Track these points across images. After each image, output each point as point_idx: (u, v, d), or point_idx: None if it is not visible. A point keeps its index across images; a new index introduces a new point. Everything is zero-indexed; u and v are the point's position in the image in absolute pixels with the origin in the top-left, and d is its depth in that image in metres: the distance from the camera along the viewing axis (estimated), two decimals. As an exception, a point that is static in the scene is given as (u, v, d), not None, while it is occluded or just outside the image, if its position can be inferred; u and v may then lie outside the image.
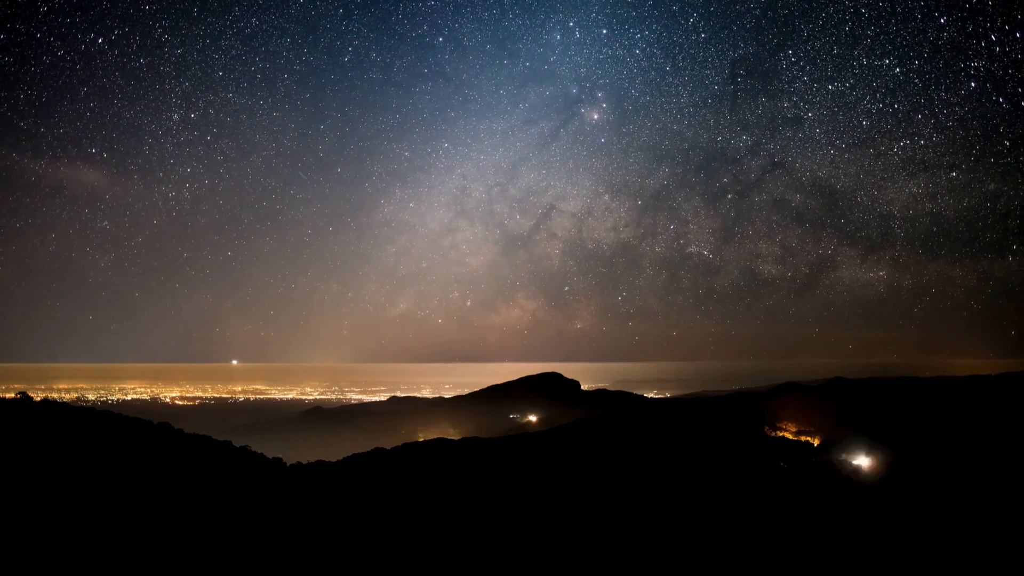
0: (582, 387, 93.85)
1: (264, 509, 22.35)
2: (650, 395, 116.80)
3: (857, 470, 40.97)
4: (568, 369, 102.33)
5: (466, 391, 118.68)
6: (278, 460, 31.00)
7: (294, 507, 23.33)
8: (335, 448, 51.93)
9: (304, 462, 32.62)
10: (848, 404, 58.91)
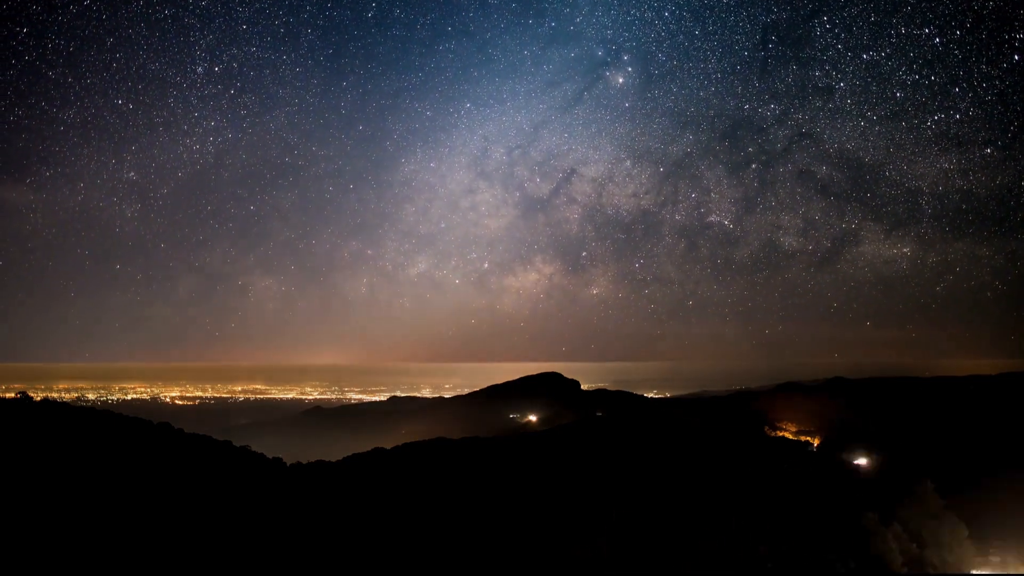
0: (582, 387, 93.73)
1: (264, 509, 22.35)
2: (650, 395, 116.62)
3: (856, 469, 40.99)
4: (568, 369, 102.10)
5: (466, 391, 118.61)
6: (278, 460, 31.01)
7: (294, 507, 23.33)
8: (335, 448, 51.88)
9: (304, 462, 32.63)
10: (848, 404, 58.91)
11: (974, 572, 27.86)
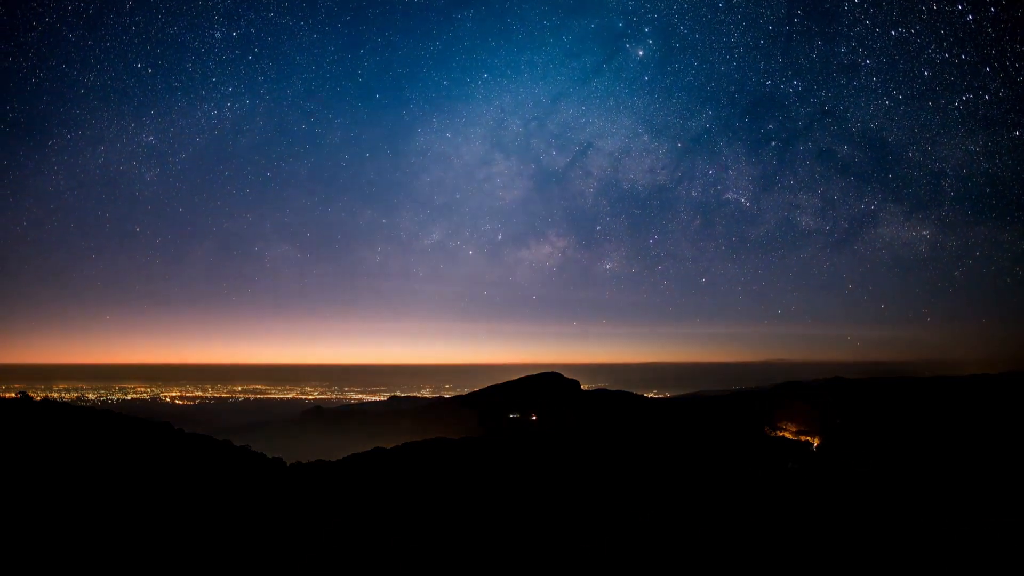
0: (582, 387, 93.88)
1: (264, 509, 22.35)
2: (650, 395, 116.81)
3: (857, 470, 41.00)
4: (568, 369, 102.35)
5: (466, 391, 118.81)
6: (278, 460, 31.02)
7: (294, 507, 23.33)
8: (335, 448, 51.93)
9: (304, 462, 32.64)
10: (848, 404, 58.94)
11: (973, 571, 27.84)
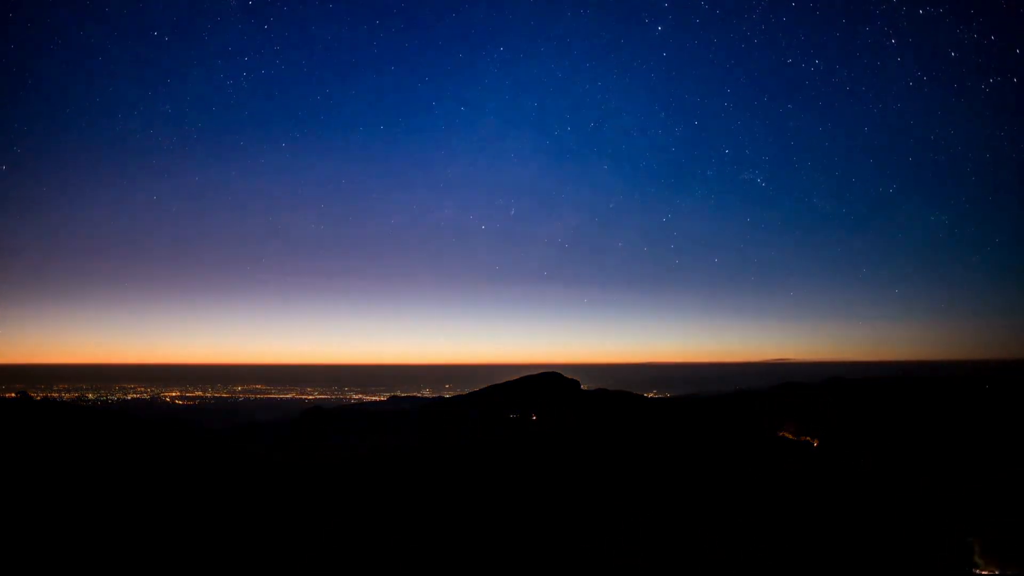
0: (582, 387, 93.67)
1: (264, 509, 22.35)
2: (650, 395, 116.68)
3: (857, 469, 40.94)
4: (568, 369, 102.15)
5: (466, 391, 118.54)
6: (278, 460, 31.05)
7: (294, 507, 23.33)
8: (335, 448, 51.84)
9: (304, 462, 32.66)
10: (848, 404, 58.90)
11: (974, 572, 27.84)
